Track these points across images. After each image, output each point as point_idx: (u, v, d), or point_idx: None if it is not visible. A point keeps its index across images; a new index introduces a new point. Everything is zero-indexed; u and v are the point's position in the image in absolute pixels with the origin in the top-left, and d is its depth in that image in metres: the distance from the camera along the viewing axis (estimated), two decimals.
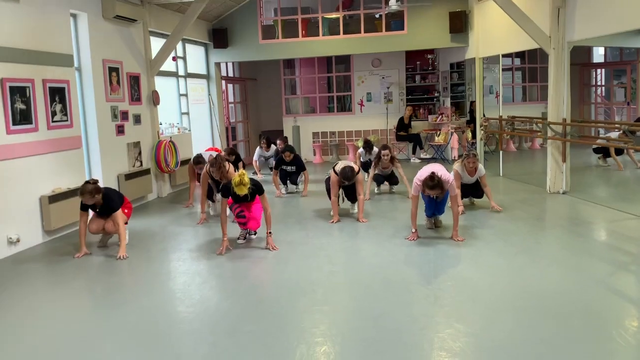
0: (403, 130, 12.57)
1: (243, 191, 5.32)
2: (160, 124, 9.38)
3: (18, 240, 5.95)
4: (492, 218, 6.61)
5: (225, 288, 4.73)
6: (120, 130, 8.16)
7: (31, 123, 6.24)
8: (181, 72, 10.66)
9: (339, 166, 6.68)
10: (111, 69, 7.97)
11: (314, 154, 13.20)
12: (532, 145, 13.43)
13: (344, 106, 13.61)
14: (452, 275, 4.78)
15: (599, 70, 14.71)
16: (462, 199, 6.74)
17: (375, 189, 8.54)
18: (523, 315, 3.80)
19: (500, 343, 3.38)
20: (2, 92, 5.81)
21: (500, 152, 10.07)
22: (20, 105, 6.07)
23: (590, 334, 3.47)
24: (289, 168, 8.73)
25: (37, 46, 6.38)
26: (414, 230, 5.80)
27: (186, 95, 10.79)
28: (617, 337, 3.42)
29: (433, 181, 5.45)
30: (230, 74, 13.45)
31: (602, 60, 14.62)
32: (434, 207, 5.99)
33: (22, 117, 6.10)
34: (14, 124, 5.97)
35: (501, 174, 9.74)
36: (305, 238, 6.09)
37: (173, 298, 4.51)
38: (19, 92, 6.05)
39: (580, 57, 13.28)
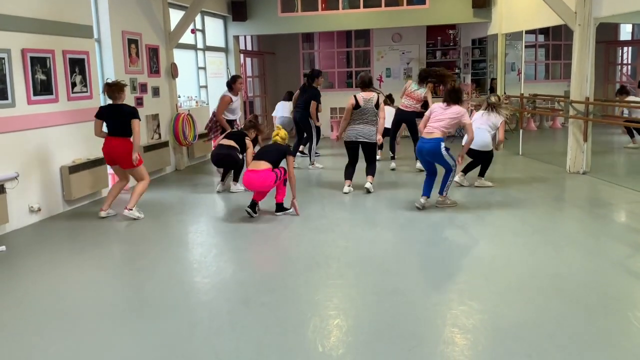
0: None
1: (275, 139, 6.09)
2: (179, 96, 9.41)
3: (39, 209, 6.06)
4: (510, 197, 6.55)
5: (241, 260, 4.79)
6: (139, 102, 8.19)
7: (52, 94, 6.29)
8: (200, 45, 10.62)
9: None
10: (130, 41, 7.98)
11: (332, 130, 13.15)
12: (553, 124, 13.21)
13: None
14: (466, 253, 4.78)
15: (625, 48, 14.34)
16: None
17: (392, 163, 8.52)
18: (537, 295, 3.79)
19: (513, 322, 3.38)
20: (23, 63, 5.86)
21: (521, 131, 9.93)
22: (40, 76, 6.12)
23: (605, 315, 3.45)
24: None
25: (57, 17, 6.39)
26: None
27: (204, 68, 10.77)
28: (633, 318, 3.39)
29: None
30: (249, 48, 13.38)
31: (629, 37, 14.23)
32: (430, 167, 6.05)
33: (43, 88, 6.15)
34: (35, 94, 6.02)
35: (521, 153, 9.61)
36: (321, 212, 6.11)
37: (190, 269, 4.58)
38: (40, 63, 6.09)
39: (606, 35, 12.92)
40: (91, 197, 6.89)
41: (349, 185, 6.91)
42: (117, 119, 5.88)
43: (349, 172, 6.96)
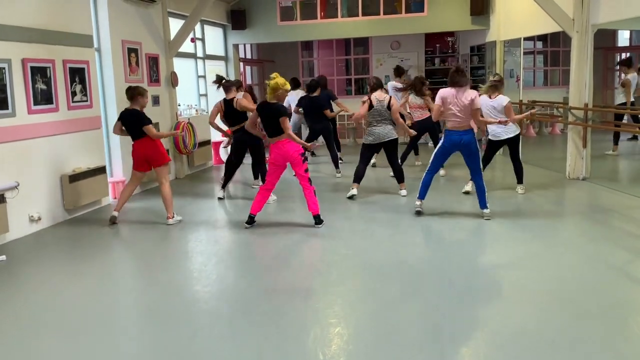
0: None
1: (270, 84, 5.62)
2: (179, 105, 9.43)
3: (39, 219, 6.06)
4: (509, 203, 6.55)
5: (241, 268, 4.79)
6: None
7: (52, 103, 6.31)
8: (199, 54, 10.67)
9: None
10: (130, 50, 8.01)
11: None
12: (553, 131, 13.23)
13: (362, 89, 13.53)
14: (467, 259, 4.77)
15: (623, 54, 14.37)
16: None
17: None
18: (538, 301, 3.79)
19: (514, 328, 3.38)
20: (23, 73, 5.88)
21: (520, 137, 9.92)
22: (41, 86, 6.14)
23: (605, 321, 3.45)
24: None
25: (57, 27, 6.42)
26: None
27: (204, 76, 10.81)
28: (634, 324, 3.39)
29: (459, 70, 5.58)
30: (249, 56, 13.43)
31: (627, 44, 14.29)
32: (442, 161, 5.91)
33: (43, 97, 6.17)
34: (35, 104, 6.04)
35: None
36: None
37: (190, 277, 4.58)
38: (40, 73, 6.12)
39: (604, 41, 12.96)
40: (91, 206, 6.89)
41: (356, 189, 6.91)
42: (133, 124, 6.03)
43: (359, 175, 6.93)
